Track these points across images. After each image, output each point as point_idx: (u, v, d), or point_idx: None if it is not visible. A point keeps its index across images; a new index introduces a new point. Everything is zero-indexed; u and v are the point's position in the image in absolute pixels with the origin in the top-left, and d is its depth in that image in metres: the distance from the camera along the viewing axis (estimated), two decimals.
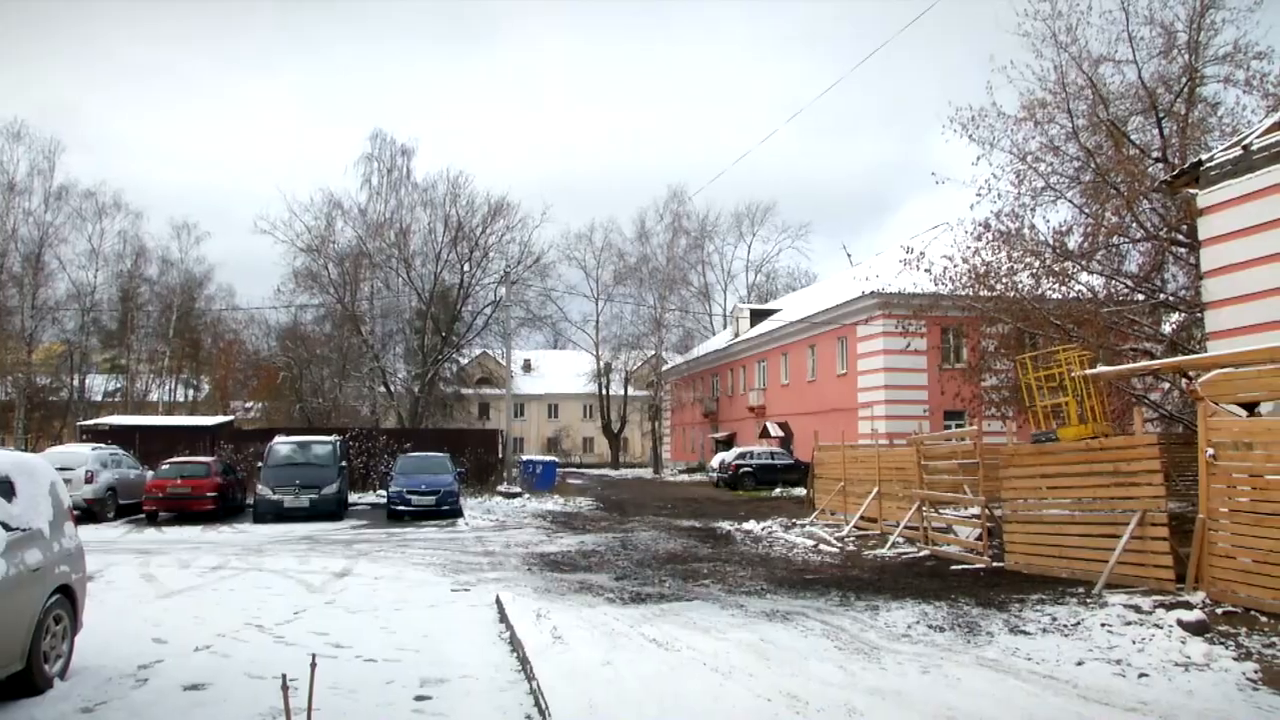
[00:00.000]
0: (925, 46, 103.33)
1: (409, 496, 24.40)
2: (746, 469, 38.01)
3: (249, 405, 58.24)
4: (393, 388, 49.52)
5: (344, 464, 26.28)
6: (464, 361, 54.78)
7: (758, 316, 51.64)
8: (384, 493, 28.05)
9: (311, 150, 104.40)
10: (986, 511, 15.39)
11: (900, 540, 17.14)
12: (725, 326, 60.12)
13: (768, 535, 19.65)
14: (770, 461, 38.66)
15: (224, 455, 30.88)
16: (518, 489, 32.82)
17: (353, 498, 28.85)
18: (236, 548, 17.73)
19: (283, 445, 26.00)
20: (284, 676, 4.82)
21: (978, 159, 22.20)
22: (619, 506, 29.28)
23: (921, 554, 16.15)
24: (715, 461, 41.65)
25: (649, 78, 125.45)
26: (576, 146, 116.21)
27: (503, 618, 10.21)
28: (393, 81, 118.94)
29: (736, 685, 7.18)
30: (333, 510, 23.90)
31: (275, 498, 23.54)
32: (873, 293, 33.41)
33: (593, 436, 79.63)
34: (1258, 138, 15.30)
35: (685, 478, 50.53)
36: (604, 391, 66.70)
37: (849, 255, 51.94)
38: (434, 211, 49.18)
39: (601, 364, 65.29)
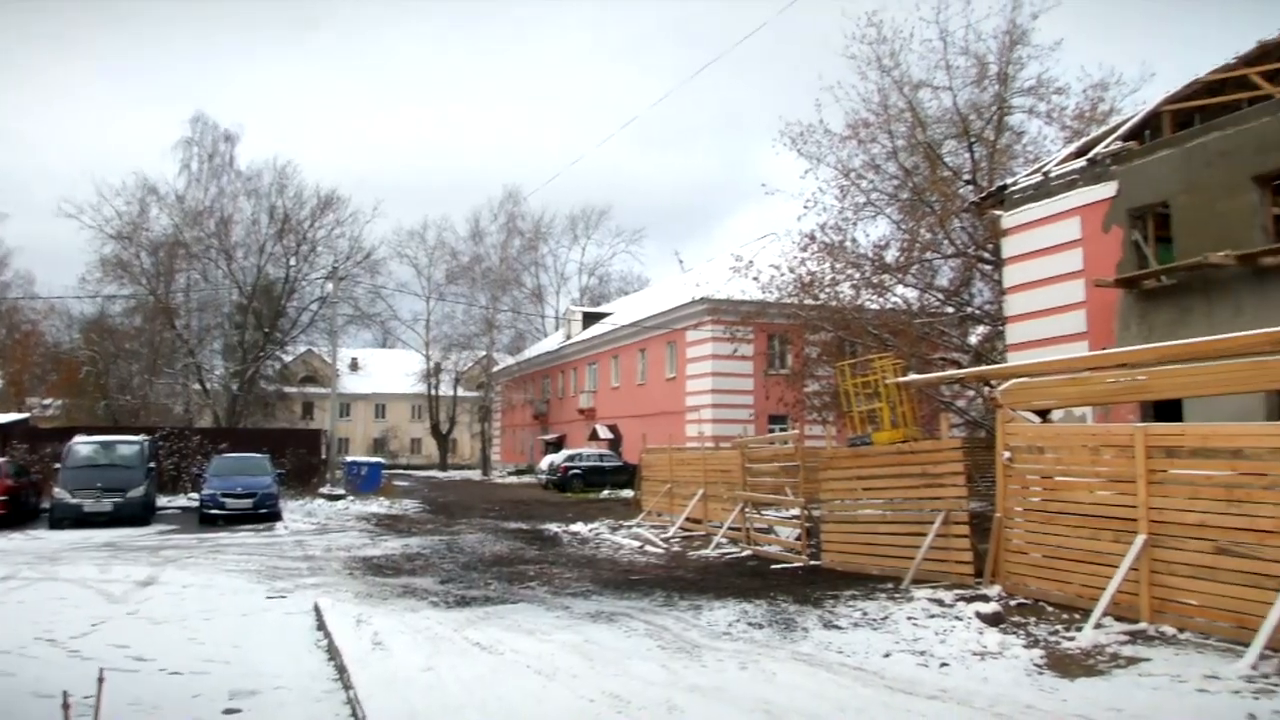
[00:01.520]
0: (759, 61, 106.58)
1: (224, 500, 23.27)
2: (575, 471, 38.08)
3: (48, 402, 54.11)
4: (209, 385, 47.13)
5: (152, 465, 24.79)
6: (288, 359, 52.70)
7: (590, 319, 51.87)
8: (196, 496, 26.62)
9: (125, 131, 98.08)
10: (806, 512, 15.97)
11: (724, 541, 17.56)
12: (557, 329, 60.14)
13: (595, 537, 19.78)
14: (599, 464, 38.87)
15: (16, 456, 28.54)
16: (341, 491, 31.82)
17: (162, 501, 27.24)
18: (28, 556, 16.46)
19: (83, 445, 24.29)
20: (64, 694, 4.42)
21: (805, 173, 23.11)
22: (446, 509, 28.84)
23: (744, 554, 16.60)
24: (544, 463, 41.56)
25: (487, 77, 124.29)
26: (411, 143, 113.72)
27: (321, 625, 9.86)
28: (216, 65, 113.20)
29: (560, 687, 7.19)
30: (138, 514, 22.48)
31: (74, 502, 21.98)
32: (703, 299, 34.12)
33: (421, 437, 78.10)
34: (1055, 166, 16.53)
35: (514, 480, 50.23)
36: (433, 392, 65.55)
37: (681, 261, 52.94)
38: (259, 202, 47.11)
39: (431, 364, 64.06)
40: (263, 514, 23.47)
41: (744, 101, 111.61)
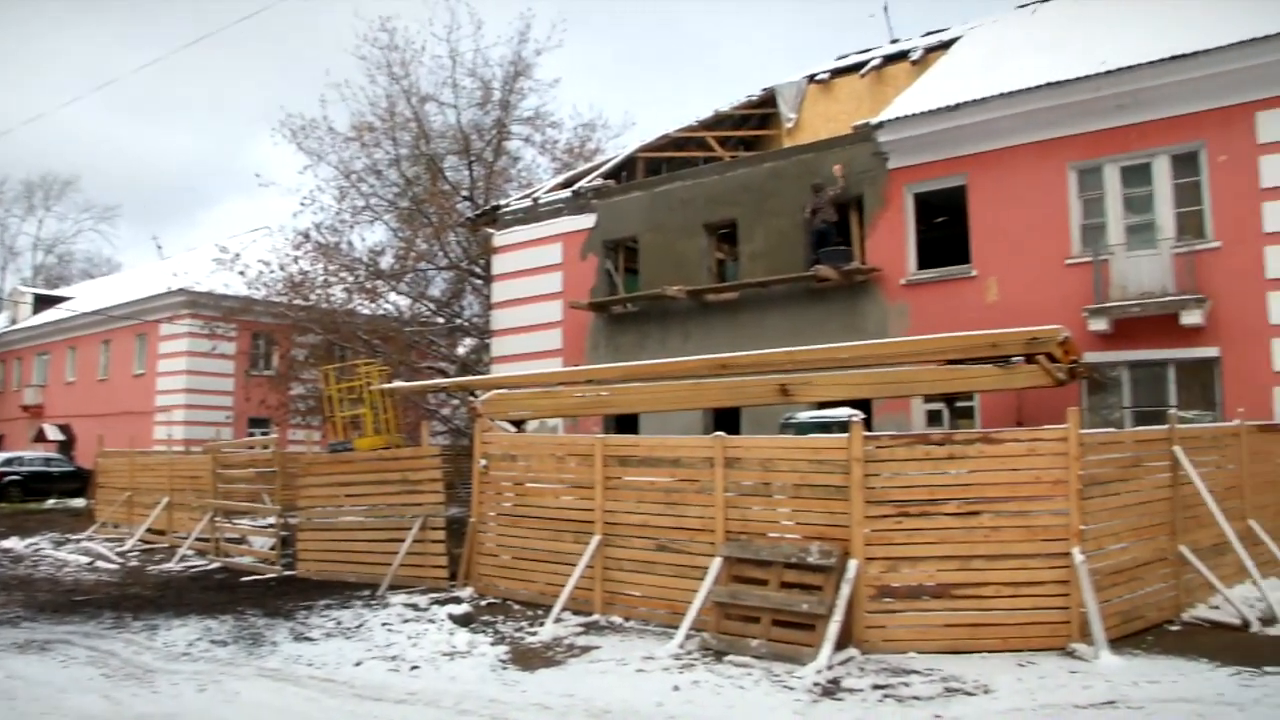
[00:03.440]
0: (261, 44, 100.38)
1: None
2: (14, 477, 33.04)
3: None
4: None
5: None
6: None
7: (44, 303, 45.54)
8: None
9: None
10: (282, 520, 15.39)
11: (190, 553, 16.34)
12: (1, 311, 51.83)
13: (34, 554, 17.37)
14: (45, 469, 34.16)
15: None
16: None
17: None
18: None
19: None
20: None
21: (305, 169, 22.53)
22: None
23: (212, 566, 15.57)
24: None
25: None
26: None
27: None
28: None
29: None
30: None
31: None
32: (181, 290, 31.57)
33: None
34: (545, 194, 17.78)
35: None
36: None
37: (159, 247, 48.29)
38: None
39: None
40: None
41: (242, 84, 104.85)
